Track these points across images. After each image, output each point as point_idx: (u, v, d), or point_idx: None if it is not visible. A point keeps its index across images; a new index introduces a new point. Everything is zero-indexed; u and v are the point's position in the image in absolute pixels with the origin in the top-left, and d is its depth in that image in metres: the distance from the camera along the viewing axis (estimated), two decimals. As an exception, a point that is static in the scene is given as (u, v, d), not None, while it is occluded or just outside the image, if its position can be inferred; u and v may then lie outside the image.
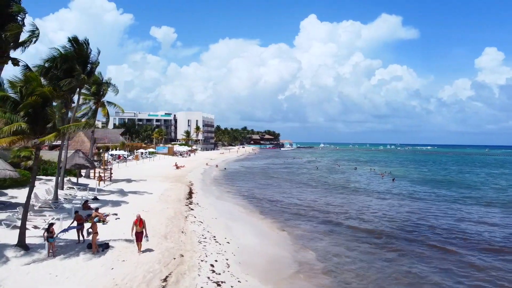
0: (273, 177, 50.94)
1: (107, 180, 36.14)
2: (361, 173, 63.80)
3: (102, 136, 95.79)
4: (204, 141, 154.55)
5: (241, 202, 29.94)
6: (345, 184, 44.96)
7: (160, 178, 41.67)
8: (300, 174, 58.54)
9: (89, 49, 26.88)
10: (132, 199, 25.99)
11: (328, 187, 41.63)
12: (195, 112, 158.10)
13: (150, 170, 51.66)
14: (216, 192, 34.94)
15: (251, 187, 39.50)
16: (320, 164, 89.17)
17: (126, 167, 53.77)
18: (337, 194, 36.46)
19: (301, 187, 40.96)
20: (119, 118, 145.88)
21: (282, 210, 27.77)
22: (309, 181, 47.62)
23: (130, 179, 38.59)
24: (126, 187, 32.56)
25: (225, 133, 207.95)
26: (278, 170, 65.92)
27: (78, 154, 28.70)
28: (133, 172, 46.85)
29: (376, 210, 28.51)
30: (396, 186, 44.72)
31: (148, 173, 47.30)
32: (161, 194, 29.32)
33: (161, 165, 60.63)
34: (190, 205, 26.37)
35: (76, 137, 48.40)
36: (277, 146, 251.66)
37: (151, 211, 22.01)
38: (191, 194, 31.53)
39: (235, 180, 46.90)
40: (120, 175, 43.04)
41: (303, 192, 36.89)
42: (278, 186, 41.38)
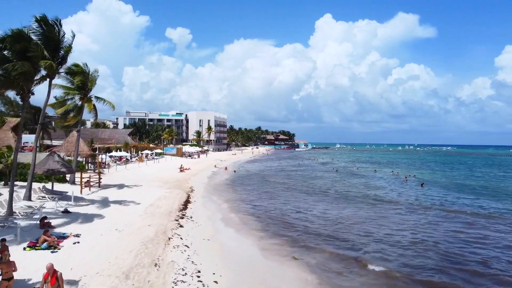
0: (286, 183, 45.59)
1: (95, 186, 31.76)
2: (383, 177, 58.17)
3: (110, 136, 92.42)
4: (217, 142, 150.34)
5: (246, 217, 24.90)
6: (367, 191, 39.46)
7: (158, 183, 37.16)
8: (316, 178, 53.27)
9: (61, 31, 22.44)
10: (111, 212, 21.39)
11: (348, 195, 36.05)
12: (207, 112, 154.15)
13: (151, 173, 47.28)
14: (219, 202, 30.06)
15: (260, 196, 34.09)
16: (337, 165, 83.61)
17: (126, 169, 49.52)
18: (360, 206, 30.95)
19: (317, 195, 35.10)
20: (129, 118, 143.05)
21: (292, 228, 22.81)
22: (325, 187, 42.06)
23: (123, 185, 34.16)
24: (113, 195, 28.06)
25: (238, 133, 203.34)
26: (292, 174, 60.77)
27: (52, 158, 24.22)
28: (131, 176, 42.53)
29: (414, 237, 20.31)
30: (427, 193, 39.10)
31: (148, 176, 42.94)
32: (150, 204, 24.66)
33: (165, 168, 56.26)
34: (181, 219, 21.62)
35: (70, 137, 44.30)
36: (291, 146, 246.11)
37: (125, 230, 17.32)
38: (187, 204, 26.78)
39: (243, 185, 41.95)
40: (115, 179, 38.80)
41: (319, 204, 31.07)
42: (291, 195, 35.68)
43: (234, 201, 30.42)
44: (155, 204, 24.83)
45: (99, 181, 32.35)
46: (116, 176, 42.13)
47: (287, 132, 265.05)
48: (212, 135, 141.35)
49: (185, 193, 31.58)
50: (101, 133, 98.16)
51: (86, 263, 12.68)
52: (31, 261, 12.78)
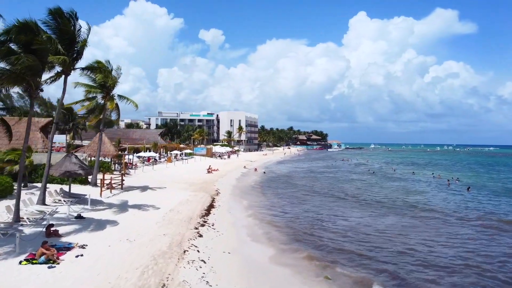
0: (316, 186, 42.84)
1: (118, 188, 30.53)
2: (422, 180, 54.24)
3: (141, 136, 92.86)
4: (247, 142, 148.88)
5: (272, 226, 22.57)
6: (407, 196, 36.08)
7: (183, 185, 35.62)
8: (350, 181, 50.23)
9: (77, 25, 21.14)
10: (126, 218, 19.78)
11: (385, 201, 32.76)
12: (238, 112, 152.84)
13: (178, 174, 45.95)
14: (245, 207, 27.98)
15: (289, 201, 31.42)
16: (373, 167, 79.71)
17: (153, 170, 48.49)
18: (400, 215, 27.77)
19: (351, 201, 31.93)
20: (161, 119, 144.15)
21: (323, 241, 20.37)
22: (360, 191, 38.89)
23: (147, 187, 32.80)
24: (133, 198, 26.62)
25: (269, 133, 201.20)
26: (323, 176, 57.88)
27: (70, 159, 22.96)
28: (157, 177, 41.30)
29: (467, 256, 17.05)
30: (475, 199, 35.41)
31: (174, 178, 41.58)
32: (170, 209, 22.92)
33: (193, 169, 54.94)
34: (202, 227, 19.70)
35: (96, 137, 43.60)
36: (324, 147, 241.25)
37: (137, 241, 15.55)
38: (210, 210, 24.87)
39: (272, 188, 39.67)
40: (140, 180, 37.62)
41: (353, 212, 27.76)
42: (322, 201, 32.61)
43: (261, 207, 28.14)
44: (175, 209, 23.06)
45: (121, 183, 31.08)
46: (142, 177, 41.04)
47: (320, 132, 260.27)
48: (243, 135, 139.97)
49: (209, 197, 29.74)
50: (132, 134, 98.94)
51: (82, 283, 10.91)
52: (23, 278, 11.17)
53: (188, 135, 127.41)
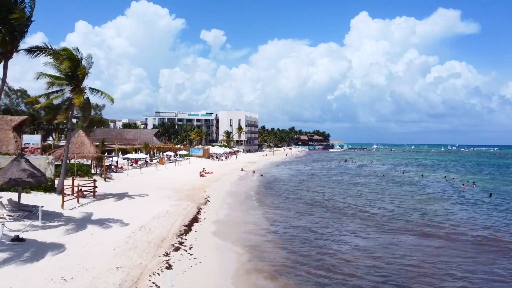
0: (319, 193, 38.20)
1: (88, 196, 26.22)
2: (435, 184, 49.75)
3: (135, 136, 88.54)
4: (248, 142, 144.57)
5: (269, 250, 18.07)
6: (424, 205, 31.46)
7: (168, 192, 31.27)
8: (356, 186, 45.79)
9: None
10: (79, 240, 15.43)
11: (401, 213, 27.48)
12: (238, 111, 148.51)
13: (167, 178, 41.63)
14: (235, 220, 23.56)
15: (288, 215, 26.48)
16: (379, 169, 75.19)
17: (140, 174, 44.19)
18: (421, 233, 23.10)
19: (360, 216, 26.38)
20: (159, 118, 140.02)
21: (331, 273, 15.94)
22: (369, 200, 34.33)
23: (125, 194, 28.50)
24: (103, 209, 22.31)
25: (270, 133, 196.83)
26: (327, 180, 53.40)
27: (18, 164, 18.56)
28: (142, 182, 37.06)
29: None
30: (503, 208, 30.96)
31: (161, 182, 37.29)
32: (141, 226, 18.56)
33: (185, 172, 50.61)
34: (176, 252, 15.36)
35: (76, 137, 39.27)
36: (326, 147, 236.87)
37: (74, 279, 11.20)
38: (192, 225, 20.50)
39: (270, 197, 34.95)
40: (122, 186, 33.43)
41: (364, 230, 22.31)
42: (327, 214, 27.00)
43: (254, 223, 23.50)
44: (147, 226, 18.70)
45: (94, 190, 26.73)
46: (125, 182, 36.77)
47: (322, 133, 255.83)
48: (242, 135, 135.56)
49: (195, 207, 25.35)
50: (126, 134, 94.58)
51: None
52: None
53: (186, 135, 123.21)
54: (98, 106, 69.13)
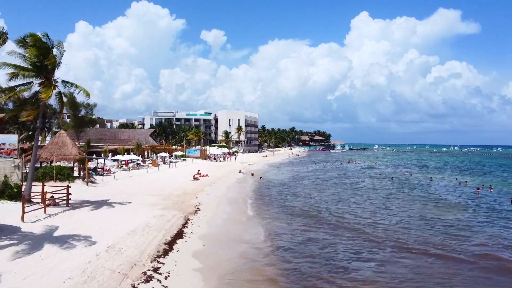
0: (324, 201, 34.43)
1: (61, 205, 22.86)
2: (447, 187, 46.34)
3: (130, 137, 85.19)
4: (247, 143, 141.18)
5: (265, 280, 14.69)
6: (445, 214, 27.82)
7: (155, 198, 27.88)
8: (363, 190, 42.37)
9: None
10: (22, 269, 12.07)
11: (422, 232, 22.37)
12: (237, 111, 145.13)
13: (157, 182, 38.27)
14: (228, 238, 20.09)
15: (288, 231, 22.55)
16: (384, 171, 71.73)
17: (129, 177, 40.81)
18: (454, 256, 19.19)
19: (376, 238, 20.85)
20: (156, 118, 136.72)
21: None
22: (381, 209, 30.45)
23: (105, 202, 25.15)
24: (72, 222, 18.96)
25: (270, 133, 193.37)
26: (331, 183, 49.96)
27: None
28: (128, 186, 33.77)
29: None
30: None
31: (150, 187, 33.98)
32: (109, 246, 15.19)
33: (179, 174, 47.24)
34: (145, 284, 11.96)
35: (56, 137, 35.92)
36: (327, 147, 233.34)
37: None
38: (175, 243, 17.06)
39: (268, 203, 31.46)
40: (105, 191, 30.15)
41: (383, 254, 17.67)
42: (334, 229, 22.77)
43: (251, 241, 19.80)
44: (118, 245, 15.31)
45: (67, 197, 23.34)
46: (110, 186, 33.42)
47: (323, 133, 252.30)
48: (242, 135, 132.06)
49: (182, 218, 21.94)
50: (121, 134, 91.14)
51: None
52: None
53: (183, 135, 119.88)
54: (89, 105, 65.56)
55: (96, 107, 66.68)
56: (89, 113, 66.04)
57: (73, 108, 63.57)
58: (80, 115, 65.13)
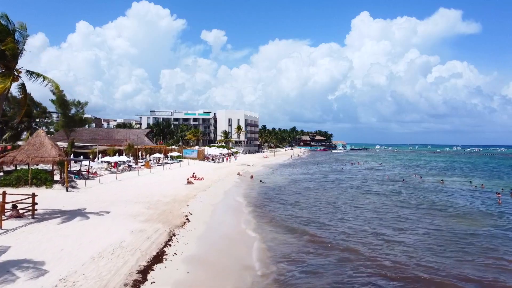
0: (332, 213, 30.82)
1: (27, 216, 19.43)
2: (463, 192, 42.80)
3: (125, 137, 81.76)
4: (247, 143, 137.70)
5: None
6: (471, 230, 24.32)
7: (140, 207, 24.42)
8: (374, 195, 38.87)
9: None
10: None
11: (456, 254, 18.61)
12: (237, 110, 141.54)
13: (146, 187, 34.81)
14: (220, 263, 16.57)
15: (293, 252, 18.90)
16: (391, 173, 68.16)
17: (116, 181, 37.36)
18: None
19: (401, 267, 16.04)
20: (153, 118, 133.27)
21: None
22: (402, 224, 25.85)
23: (81, 211, 21.74)
24: (28, 240, 15.50)
25: (271, 133, 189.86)
26: (337, 187, 46.44)
27: None
28: (112, 192, 30.34)
29: None
30: None
31: (137, 192, 30.61)
32: (62, 277, 11.72)
33: (172, 177, 43.75)
34: None
35: (34, 137, 32.39)
36: (328, 148, 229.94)
37: None
38: (152, 268, 13.56)
39: (270, 214, 27.82)
40: (85, 198, 26.78)
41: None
42: (348, 256, 18.50)
43: (247, 265, 16.32)
44: (72, 278, 11.81)
45: (32, 207, 19.87)
46: (93, 192, 29.99)
47: (324, 133, 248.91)
48: (242, 135, 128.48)
49: (166, 233, 18.45)
50: (115, 134, 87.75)
51: None
52: None
53: (182, 135, 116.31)
54: (80, 103, 62.14)
55: (87, 106, 62.88)
56: (79, 111, 62.56)
57: (62, 107, 60.23)
58: (70, 114, 61.73)
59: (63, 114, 61.09)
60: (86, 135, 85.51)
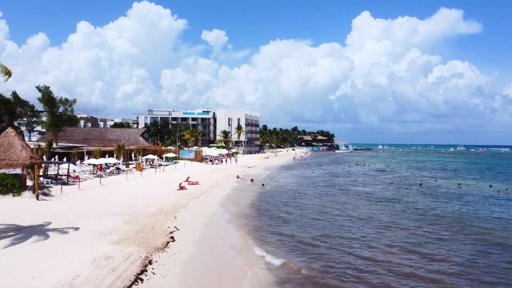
0: (346, 228, 26.42)
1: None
2: (486, 197, 38.61)
3: (119, 137, 77.69)
4: (248, 143, 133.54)
5: None
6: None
7: (117, 221, 20.30)
8: (390, 203, 34.68)
9: None
10: None
11: None
12: (237, 109, 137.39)
13: (132, 192, 30.75)
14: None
15: (306, 279, 15.52)
16: (401, 175, 63.91)
17: (100, 186, 33.25)
18: None
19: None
20: (151, 117, 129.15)
21: None
22: (434, 246, 20.82)
23: (41, 228, 17.67)
24: None
25: (272, 133, 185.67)
26: (347, 194, 42.23)
27: None
28: (91, 200, 26.31)
29: None
30: None
31: (119, 200, 26.53)
32: None
33: (165, 181, 39.64)
34: None
35: (2, 137, 28.22)
36: (331, 148, 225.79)
37: None
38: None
39: (273, 230, 23.55)
40: (54, 209, 22.79)
41: None
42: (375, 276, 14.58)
43: None
44: None
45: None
46: (67, 200, 25.93)
47: (326, 133, 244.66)
48: (242, 135, 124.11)
49: (140, 260, 14.26)
50: (109, 134, 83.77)
51: None
52: None
53: (180, 135, 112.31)
54: (68, 100, 58.05)
55: (75, 103, 58.80)
56: (68, 110, 58.51)
57: (49, 105, 56.18)
58: (58, 113, 57.70)
59: (51, 112, 57.06)
60: (78, 135, 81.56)
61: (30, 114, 65.51)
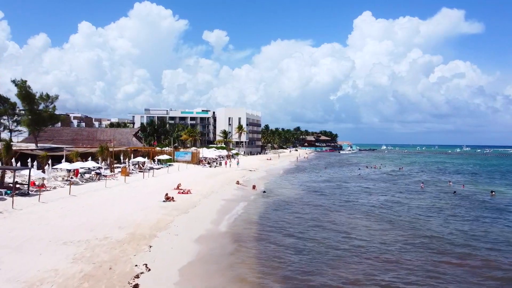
0: (378, 262, 20.06)
1: None
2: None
3: (111, 137, 71.68)
4: (249, 144, 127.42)
5: None
6: None
7: (63, 255, 14.26)
8: (429, 221, 28.66)
9: None
10: None
11: None
12: (238, 108, 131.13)
13: (104, 205, 24.71)
14: None
15: None
16: (419, 179, 57.70)
17: (70, 195, 27.16)
18: None
19: None
20: (147, 117, 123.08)
21: None
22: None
23: None
24: None
25: (274, 134, 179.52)
26: (364, 204, 36.12)
27: None
28: (48, 217, 20.30)
29: None
30: None
31: (83, 218, 20.47)
32: None
33: (151, 189, 33.57)
34: None
35: None
36: (334, 148, 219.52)
37: None
38: None
39: (280, 263, 17.65)
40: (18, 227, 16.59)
41: None
42: None
43: None
44: None
45: None
46: (15, 219, 19.92)
47: (329, 133, 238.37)
48: (243, 135, 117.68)
49: None
50: (100, 134, 77.64)
51: None
52: None
53: (177, 135, 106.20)
54: (49, 96, 51.96)
55: (57, 100, 52.68)
56: (49, 107, 52.42)
57: (27, 101, 50.11)
58: (38, 110, 51.62)
59: (29, 110, 50.99)
60: (66, 135, 75.58)
61: (11, 113, 59.54)
